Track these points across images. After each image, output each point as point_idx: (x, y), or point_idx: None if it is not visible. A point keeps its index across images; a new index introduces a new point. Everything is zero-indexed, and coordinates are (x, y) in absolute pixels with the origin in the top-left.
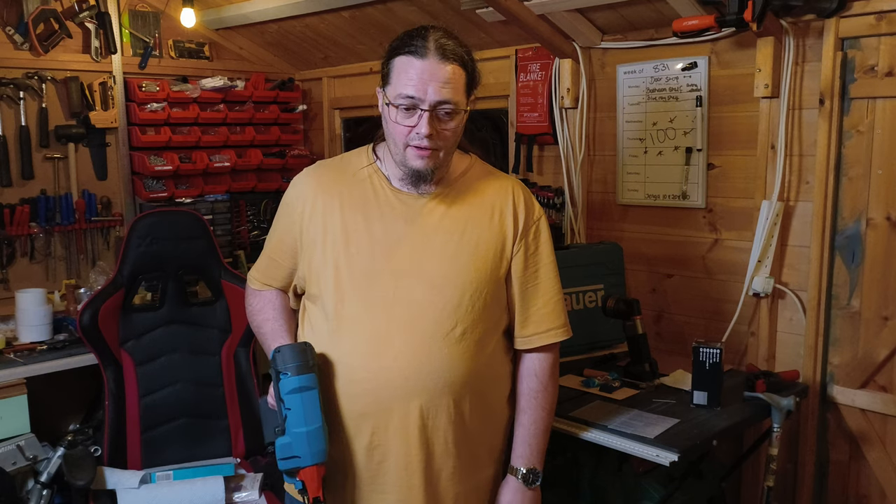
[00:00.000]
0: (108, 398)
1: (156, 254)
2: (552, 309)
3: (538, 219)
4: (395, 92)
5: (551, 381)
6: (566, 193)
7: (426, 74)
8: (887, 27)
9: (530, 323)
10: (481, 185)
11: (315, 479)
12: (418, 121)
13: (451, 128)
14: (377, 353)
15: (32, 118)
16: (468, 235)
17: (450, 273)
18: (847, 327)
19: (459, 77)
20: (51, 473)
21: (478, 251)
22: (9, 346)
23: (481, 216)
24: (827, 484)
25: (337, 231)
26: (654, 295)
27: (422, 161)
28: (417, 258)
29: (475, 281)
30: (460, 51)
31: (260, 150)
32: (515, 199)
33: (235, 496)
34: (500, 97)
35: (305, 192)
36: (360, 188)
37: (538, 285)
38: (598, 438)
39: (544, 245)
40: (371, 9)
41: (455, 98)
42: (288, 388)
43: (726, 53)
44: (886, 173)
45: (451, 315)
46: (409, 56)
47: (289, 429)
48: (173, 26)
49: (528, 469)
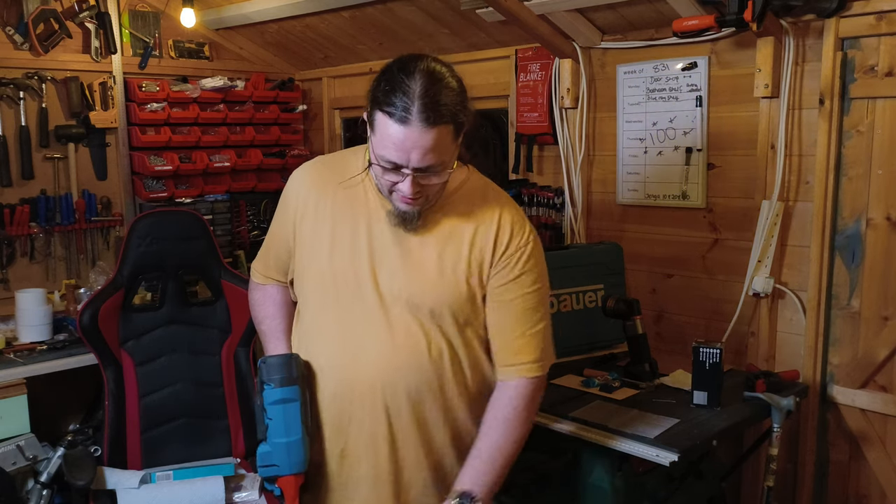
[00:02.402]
0: (108, 398)
1: (156, 254)
2: (527, 342)
3: (524, 245)
4: (377, 151)
5: (523, 412)
6: (566, 193)
7: (408, 143)
8: (887, 27)
9: (503, 353)
10: (470, 206)
11: (292, 488)
12: (402, 179)
13: (438, 181)
14: (349, 364)
15: (32, 118)
16: (447, 255)
17: (426, 291)
18: (847, 327)
19: (447, 136)
20: (51, 473)
21: (454, 273)
22: (9, 346)
23: (462, 237)
24: (827, 484)
25: (324, 235)
26: (654, 295)
27: (408, 207)
28: (397, 273)
29: (449, 301)
30: (449, 104)
31: (260, 150)
32: (501, 222)
33: (235, 496)
34: (500, 97)
35: (300, 190)
36: (353, 193)
37: (515, 314)
38: (597, 438)
39: (528, 273)
40: (371, 9)
41: (441, 159)
42: (270, 400)
43: (726, 53)
44: (886, 173)
45: (425, 333)
46: (390, 119)
47: (270, 438)
48: (173, 26)
49: (461, 494)
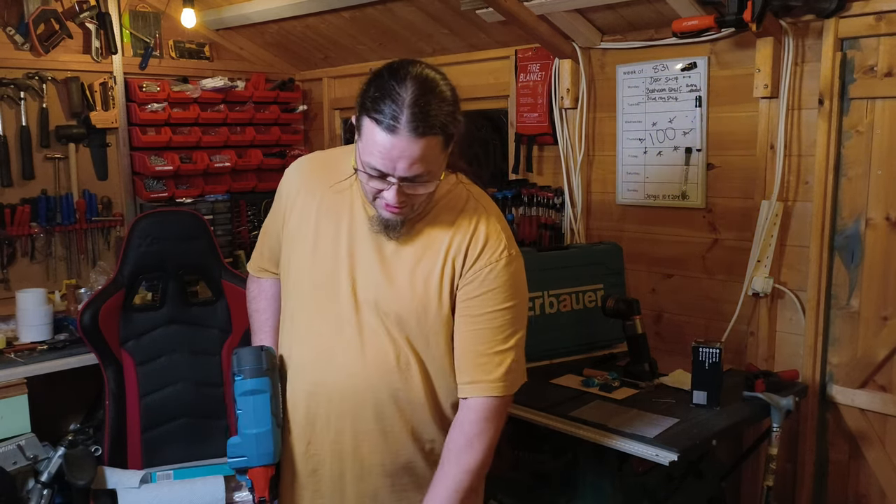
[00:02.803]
0: (109, 398)
1: (156, 254)
2: (488, 360)
3: (496, 260)
4: (363, 157)
5: (478, 439)
6: (566, 193)
7: (395, 152)
8: (886, 27)
9: (462, 369)
10: (452, 215)
11: (262, 480)
12: (387, 188)
13: (424, 191)
14: (320, 365)
15: (33, 118)
16: (421, 267)
17: (394, 300)
18: (846, 327)
19: (435, 146)
20: (51, 473)
21: (426, 284)
22: (9, 345)
23: (439, 248)
24: (826, 483)
25: (308, 234)
26: (654, 295)
27: (391, 215)
28: (373, 281)
29: (417, 312)
30: (439, 114)
31: (260, 151)
32: (475, 234)
33: (235, 496)
34: (500, 97)
35: (291, 186)
36: (340, 196)
37: (480, 331)
38: (597, 438)
39: (499, 291)
40: (371, 9)
41: (428, 169)
42: (240, 391)
43: (726, 54)
44: (886, 173)
45: (394, 343)
46: (378, 126)
47: (240, 429)
48: (174, 27)
49: None
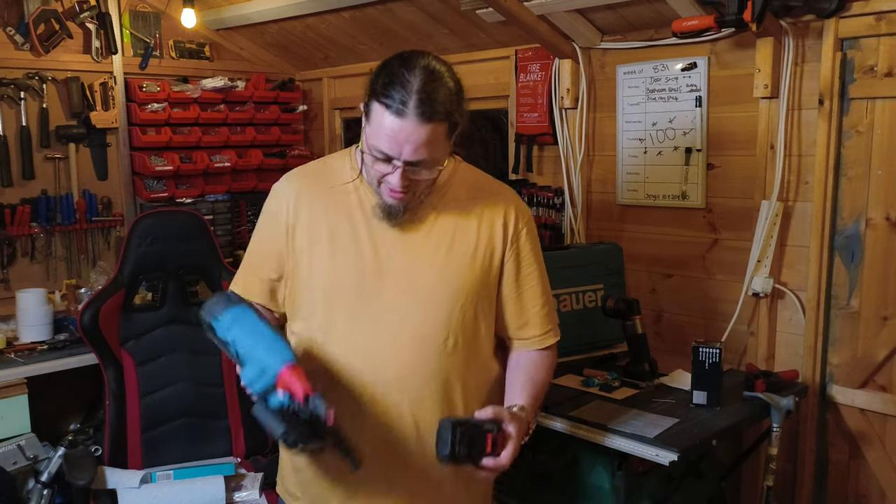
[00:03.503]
0: (109, 398)
1: (156, 254)
2: (549, 311)
3: (527, 222)
4: (370, 140)
5: (549, 375)
6: (566, 193)
7: (402, 135)
8: (887, 27)
9: (529, 326)
10: (469, 191)
11: (296, 380)
12: (392, 171)
13: (428, 177)
14: (369, 368)
15: (33, 118)
16: (457, 244)
17: (440, 283)
18: (846, 327)
19: (440, 133)
20: (51, 473)
21: (467, 260)
22: (9, 345)
23: (469, 223)
24: (826, 484)
25: (323, 241)
26: (654, 295)
27: (394, 200)
28: (406, 269)
29: (466, 290)
30: (445, 101)
31: (260, 151)
32: (506, 204)
33: (236, 496)
34: (500, 97)
35: (289, 201)
36: (345, 197)
37: (534, 288)
38: (597, 438)
39: (535, 247)
40: (371, 9)
41: (432, 156)
42: (224, 328)
43: (726, 54)
44: (886, 173)
45: (443, 326)
46: (387, 111)
47: (244, 359)
48: (174, 27)
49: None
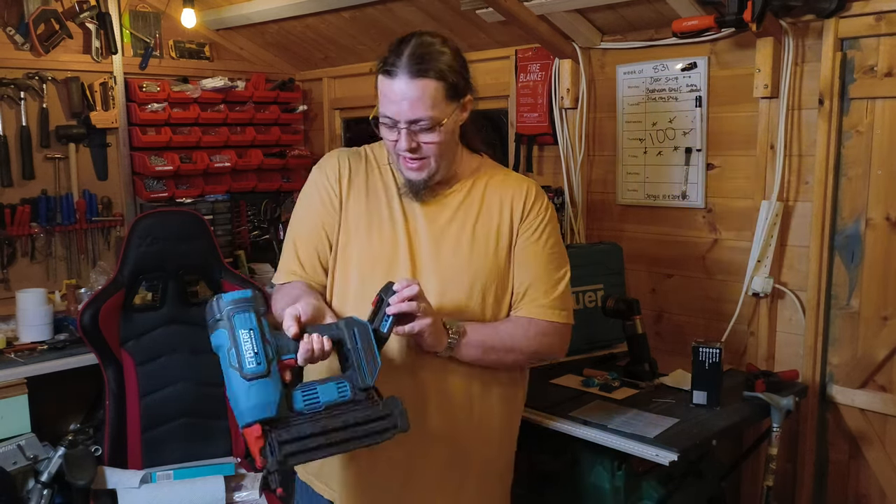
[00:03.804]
0: (109, 398)
1: (156, 254)
2: (555, 290)
3: (545, 210)
4: (380, 111)
5: (530, 339)
6: (566, 193)
7: (397, 94)
8: (887, 27)
9: (527, 300)
10: (493, 182)
11: (251, 439)
12: (398, 136)
13: (433, 140)
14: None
15: (33, 118)
16: (479, 228)
17: (462, 266)
18: (846, 327)
19: (435, 90)
20: (51, 473)
21: (487, 243)
22: (9, 345)
23: (491, 209)
24: (826, 484)
25: (362, 217)
26: (654, 295)
27: (413, 172)
28: (433, 251)
29: (485, 274)
30: (436, 62)
31: (260, 151)
32: (525, 192)
33: (236, 496)
34: (500, 97)
35: (337, 171)
36: (382, 180)
37: (541, 266)
38: (597, 438)
39: (551, 236)
40: (371, 9)
41: (429, 113)
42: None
43: (726, 54)
44: (886, 173)
45: (463, 308)
46: (383, 76)
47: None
48: (174, 27)
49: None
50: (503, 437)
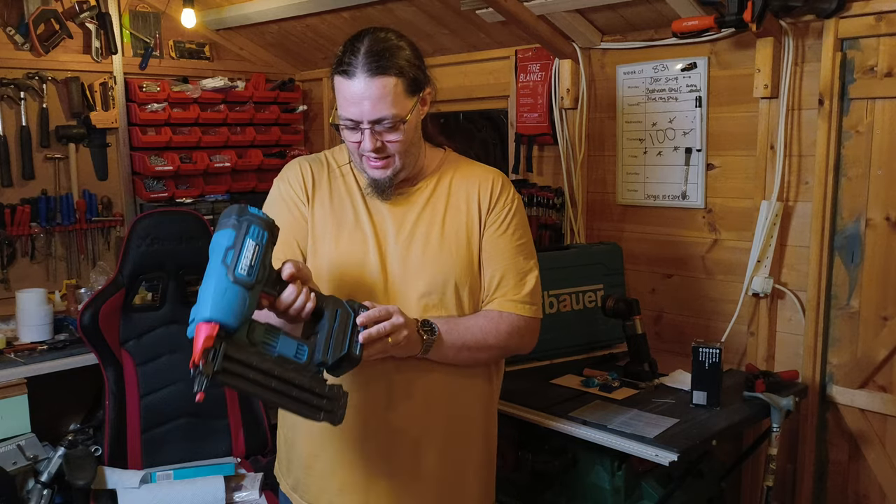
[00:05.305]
0: (109, 398)
1: (156, 254)
2: (521, 281)
3: (510, 202)
4: (339, 113)
5: (500, 334)
6: (566, 193)
7: (357, 95)
8: (886, 28)
9: (496, 292)
10: (458, 175)
11: (200, 336)
12: (362, 137)
13: (397, 139)
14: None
15: (33, 118)
16: (448, 225)
17: (433, 264)
18: (846, 327)
19: (395, 87)
20: (51, 473)
21: (458, 239)
22: (9, 345)
23: (458, 204)
24: (826, 484)
25: (328, 223)
26: (654, 295)
27: (378, 171)
28: (403, 251)
29: (457, 271)
30: (395, 58)
31: (260, 151)
32: (490, 183)
33: (236, 496)
34: (500, 97)
35: (304, 179)
36: (345, 184)
37: (509, 258)
38: (597, 438)
39: (517, 228)
40: (371, 9)
41: (391, 112)
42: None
43: (726, 54)
44: (886, 173)
45: (435, 307)
46: (341, 76)
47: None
48: (174, 27)
49: (427, 323)
50: (485, 430)
